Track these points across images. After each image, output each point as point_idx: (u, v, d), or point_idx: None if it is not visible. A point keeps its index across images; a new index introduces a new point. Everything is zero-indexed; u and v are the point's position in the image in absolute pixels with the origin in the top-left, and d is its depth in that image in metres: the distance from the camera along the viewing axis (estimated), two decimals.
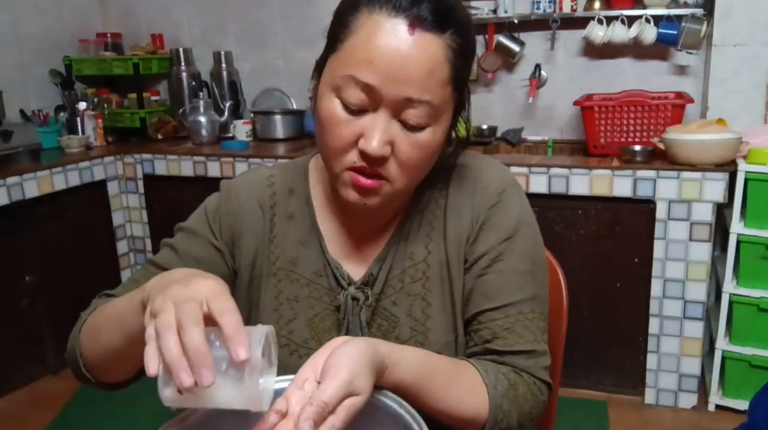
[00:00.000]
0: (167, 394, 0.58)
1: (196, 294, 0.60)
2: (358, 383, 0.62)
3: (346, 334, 0.86)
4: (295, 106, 3.22)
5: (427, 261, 0.87)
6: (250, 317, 0.91)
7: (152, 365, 0.57)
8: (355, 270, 0.89)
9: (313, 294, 0.88)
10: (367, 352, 0.65)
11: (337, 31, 0.76)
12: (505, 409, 0.78)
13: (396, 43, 0.71)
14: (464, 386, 0.78)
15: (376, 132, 0.74)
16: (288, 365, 0.86)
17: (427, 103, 0.74)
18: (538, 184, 2.35)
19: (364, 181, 0.76)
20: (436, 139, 0.78)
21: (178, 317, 0.57)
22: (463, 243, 0.87)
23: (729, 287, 2.20)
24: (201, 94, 3.14)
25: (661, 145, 2.29)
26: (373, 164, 0.76)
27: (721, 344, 2.25)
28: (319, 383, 0.63)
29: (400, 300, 0.87)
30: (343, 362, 0.63)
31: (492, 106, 2.96)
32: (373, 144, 0.73)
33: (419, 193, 0.89)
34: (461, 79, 0.78)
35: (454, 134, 0.86)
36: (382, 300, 0.87)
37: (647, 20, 2.51)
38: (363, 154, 0.75)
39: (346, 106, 0.75)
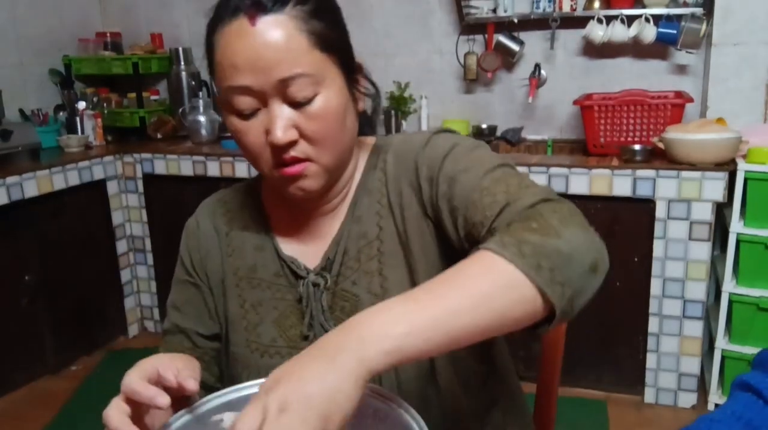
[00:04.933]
0: None
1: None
2: None
3: (310, 321, 0.88)
4: None
5: (381, 238, 0.89)
6: (223, 331, 0.95)
7: None
8: (313, 260, 0.91)
9: (275, 295, 0.91)
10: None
11: (209, 58, 0.82)
12: (544, 265, 0.65)
13: (245, 39, 0.76)
14: (471, 270, 0.64)
15: (275, 122, 0.78)
16: (260, 367, 0.89)
17: (299, 76, 0.77)
18: (538, 183, 2.34)
19: (289, 170, 0.81)
20: (332, 104, 0.80)
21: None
22: (416, 201, 0.86)
23: (728, 286, 2.20)
24: (200, 93, 3.14)
25: (660, 145, 2.29)
26: (287, 152, 0.79)
27: (721, 343, 2.25)
28: None
29: (358, 279, 0.88)
30: None
31: (492, 106, 2.96)
32: (278, 134, 0.77)
33: (364, 177, 0.91)
34: (328, 40, 0.80)
35: (368, 100, 0.89)
36: (342, 282, 0.89)
37: (647, 20, 2.51)
38: (274, 148, 0.79)
39: (241, 114, 0.80)
